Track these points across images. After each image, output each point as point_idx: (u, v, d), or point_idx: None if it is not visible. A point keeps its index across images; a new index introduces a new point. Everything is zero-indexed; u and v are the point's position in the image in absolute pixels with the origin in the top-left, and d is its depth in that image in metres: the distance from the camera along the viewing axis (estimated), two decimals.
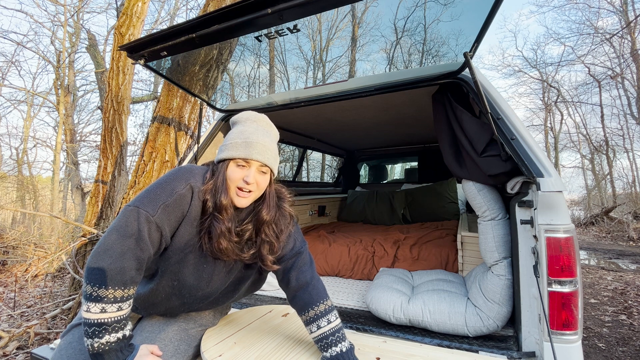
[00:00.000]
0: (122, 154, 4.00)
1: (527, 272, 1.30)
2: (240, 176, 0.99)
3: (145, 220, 0.88)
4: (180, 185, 0.95)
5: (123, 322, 0.87)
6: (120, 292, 0.85)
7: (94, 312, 0.82)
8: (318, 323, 1.04)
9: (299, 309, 1.09)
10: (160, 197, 0.92)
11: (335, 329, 1.04)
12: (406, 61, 11.26)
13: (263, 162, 1.01)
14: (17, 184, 10.40)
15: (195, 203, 0.97)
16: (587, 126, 13.99)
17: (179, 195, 0.94)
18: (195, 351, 1.12)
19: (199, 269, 1.03)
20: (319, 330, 1.03)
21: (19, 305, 3.59)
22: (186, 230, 0.97)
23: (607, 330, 2.89)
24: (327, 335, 1.02)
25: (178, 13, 10.86)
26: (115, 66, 3.97)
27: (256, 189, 1.02)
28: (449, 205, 3.52)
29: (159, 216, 0.90)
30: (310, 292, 1.08)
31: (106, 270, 0.83)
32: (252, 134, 1.03)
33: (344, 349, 1.01)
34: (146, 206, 0.89)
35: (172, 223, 0.94)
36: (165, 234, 0.93)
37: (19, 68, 16.81)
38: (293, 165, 11.45)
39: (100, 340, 0.82)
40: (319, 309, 1.05)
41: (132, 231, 0.86)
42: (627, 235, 7.78)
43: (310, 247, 2.64)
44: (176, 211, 0.94)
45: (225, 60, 2.94)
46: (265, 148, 1.02)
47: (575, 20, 17.31)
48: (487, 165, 1.47)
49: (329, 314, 1.06)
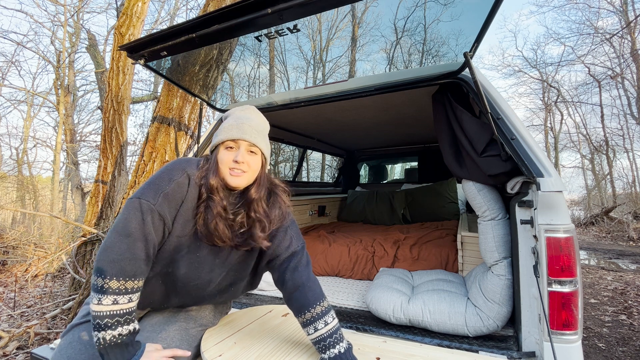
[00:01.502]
0: (122, 154, 4.00)
1: (527, 272, 1.30)
2: (230, 157, 1.03)
3: (148, 210, 0.91)
4: (178, 174, 0.99)
5: (134, 315, 0.89)
6: (131, 283, 0.87)
7: (106, 304, 0.84)
8: (315, 325, 1.03)
9: (296, 310, 1.08)
10: (160, 186, 0.96)
11: (332, 330, 1.03)
12: (406, 61, 11.26)
13: (251, 142, 1.04)
14: (17, 184, 10.40)
15: (192, 190, 1.00)
16: (587, 126, 14.00)
17: (177, 183, 0.98)
18: (195, 351, 1.12)
19: (191, 258, 1.04)
20: (316, 333, 1.02)
21: (19, 305, 3.59)
22: (182, 219, 1.00)
23: (607, 330, 2.89)
24: (325, 337, 1.01)
25: (178, 13, 10.87)
26: (115, 66, 3.97)
27: (248, 169, 1.04)
28: (449, 205, 3.52)
29: (160, 204, 0.94)
30: (306, 293, 1.06)
31: (116, 262, 0.86)
32: (240, 118, 1.07)
33: (342, 349, 1.01)
34: (147, 196, 0.93)
35: (172, 211, 0.97)
36: (168, 221, 0.96)
37: (19, 68, 16.83)
38: (293, 165, 11.45)
39: (113, 332, 0.83)
40: (315, 311, 1.04)
41: (137, 222, 0.90)
42: (627, 235, 7.78)
43: (310, 247, 2.64)
44: (176, 198, 0.98)
45: (225, 60, 2.94)
46: (252, 129, 1.06)
47: (575, 20, 17.34)
48: (487, 165, 1.47)
49: (326, 315, 1.05)
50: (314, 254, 2.59)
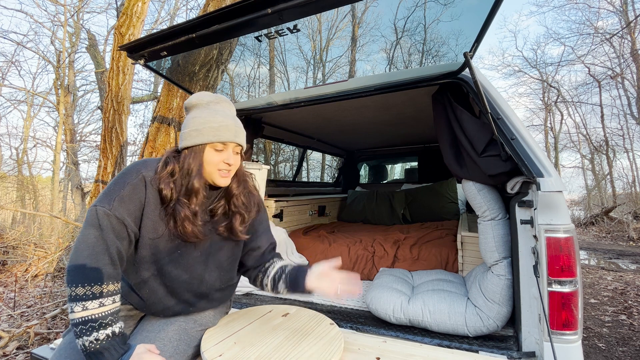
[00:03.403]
0: (122, 154, 3.99)
1: (527, 272, 1.30)
2: (219, 159, 1.04)
3: (104, 215, 0.93)
4: (132, 177, 1.00)
5: (110, 319, 0.89)
6: (98, 287, 0.88)
7: (77, 311, 0.85)
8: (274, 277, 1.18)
9: (282, 280, 1.18)
10: (114, 191, 0.97)
11: (286, 265, 1.19)
12: (406, 61, 11.27)
13: (237, 142, 1.07)
14: (17, 184, 10.40)
15: (150, 192, 1.01)
16: (587, 126, 13.98)
17: (131, 186, 0.98)
18: (195, 351, 1.12)
19: (174, 255, 1.06)
20: (280, 281, 1.16)
21: (19, 305, 3.59)
22: (150, 219, 1.01)
23: (607, 330, 2.89)
24: (283, 269, 1.17)
25: (178, 13, 10.85)
26: (115, 66, 3.97)
27: (234, 168, 1.09)
28: (449, 205, 3.52)
29: (116, 208, 0.94)
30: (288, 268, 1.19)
31: (80, 270, 0.87)
32: (224, 117, 1.06)
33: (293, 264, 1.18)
34: (102, 203, 0.94)
35: (132, 213, 0.98)
36: (129, 223, 0.97)
37: (19, 68, 16.79)
38: (293, 165, 11.45)
39: (89, 338, 0.84)
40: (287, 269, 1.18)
41: (95, 229, 0.91)
42: (627, 235, 7.78)
43: (310, 247, 2.64)
44: (133, 201, 0.98)
45: (225, 60, 2.94)
46: (238, 129, 1.08)
47: (575, 20, 17.28)
48: (487, 165, 1.47)
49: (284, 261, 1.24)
50: (314, 253, 2.59)
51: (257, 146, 9.85)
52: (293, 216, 3.25)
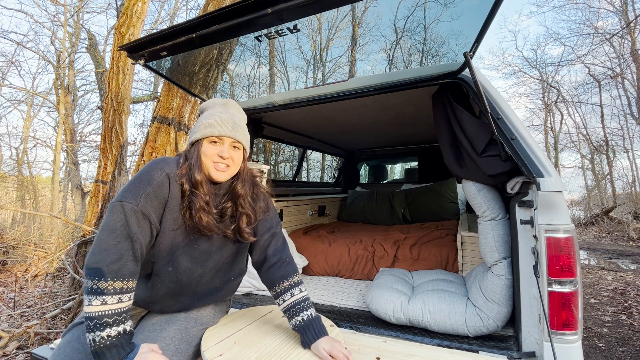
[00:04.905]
0: (122, 154, 3.99)
1: (527, 272, 1.30)
2: (214, 152, 1.06)
3: (131, 211, 0.93)
4: (157, 174, 1.01)
5: (124, 316, 0.89)
6: (120, 283, 0.89)
7: (95, 304, 0.85)
8: (283, 297, 1.13)
9: (270, 283, 1.17)
10: (140, 187, 0.97)
11: (300, 300, 1.12)
12: (406, 61, 11.27)
13: (235, 138, 1.09)
14: (17, 184, 10.40)
15: (174, 188, 1.03)
16: (587, 126, 13.98)
17: (157, 183, 1.00)
18: (195, 350, 1.12)
19: (190, 250, 1.08)
20: (284, 303, 1.12)
21: (19, 305, 3.59)
22: (171, 215, 1.03)
23: (607, 330, 2.90)
24: (294, 305, 1.11)
25: (178, 13, 10.84)
26: (115, 66, 3.97)
27: (232, 164, 1.10)
28: (449, 205, 3.52)
29: (143, 204, 0.96)
30: (280, 268, 1.17)
31: (104, 264, 0.88)
32: (222, 114, 1.10)
33: (307, 316, 1.09)
34: (129, 198, 0.95)
35: (156, 209, 1.00)
36: (153, 220, 0.99)
37: (19, 68, 16.80)
38: (293, 165, 11.45)
39: (102, 333, 0.84)
40: (287, 284, 1.14)
41: (121, 224, 0.92)
42: (627, 235, 7.78)
43: (310, 247, 2.64)
44: (158, 197, 1.00)
45: (225, 60, 2.94)
46: (235, 125, 1.10)
47: (575, 20, 17.31)
48: (487, 165, 1.47)
49: (294, 288, 1.14)
50: (314, 253, 2.59)
51: (257, 146, 9.85)
52: (293, 216, 3.25)
